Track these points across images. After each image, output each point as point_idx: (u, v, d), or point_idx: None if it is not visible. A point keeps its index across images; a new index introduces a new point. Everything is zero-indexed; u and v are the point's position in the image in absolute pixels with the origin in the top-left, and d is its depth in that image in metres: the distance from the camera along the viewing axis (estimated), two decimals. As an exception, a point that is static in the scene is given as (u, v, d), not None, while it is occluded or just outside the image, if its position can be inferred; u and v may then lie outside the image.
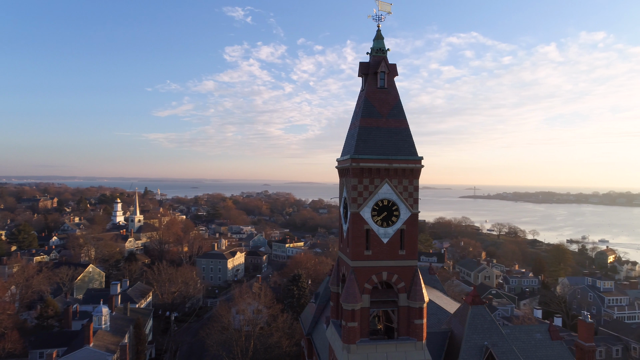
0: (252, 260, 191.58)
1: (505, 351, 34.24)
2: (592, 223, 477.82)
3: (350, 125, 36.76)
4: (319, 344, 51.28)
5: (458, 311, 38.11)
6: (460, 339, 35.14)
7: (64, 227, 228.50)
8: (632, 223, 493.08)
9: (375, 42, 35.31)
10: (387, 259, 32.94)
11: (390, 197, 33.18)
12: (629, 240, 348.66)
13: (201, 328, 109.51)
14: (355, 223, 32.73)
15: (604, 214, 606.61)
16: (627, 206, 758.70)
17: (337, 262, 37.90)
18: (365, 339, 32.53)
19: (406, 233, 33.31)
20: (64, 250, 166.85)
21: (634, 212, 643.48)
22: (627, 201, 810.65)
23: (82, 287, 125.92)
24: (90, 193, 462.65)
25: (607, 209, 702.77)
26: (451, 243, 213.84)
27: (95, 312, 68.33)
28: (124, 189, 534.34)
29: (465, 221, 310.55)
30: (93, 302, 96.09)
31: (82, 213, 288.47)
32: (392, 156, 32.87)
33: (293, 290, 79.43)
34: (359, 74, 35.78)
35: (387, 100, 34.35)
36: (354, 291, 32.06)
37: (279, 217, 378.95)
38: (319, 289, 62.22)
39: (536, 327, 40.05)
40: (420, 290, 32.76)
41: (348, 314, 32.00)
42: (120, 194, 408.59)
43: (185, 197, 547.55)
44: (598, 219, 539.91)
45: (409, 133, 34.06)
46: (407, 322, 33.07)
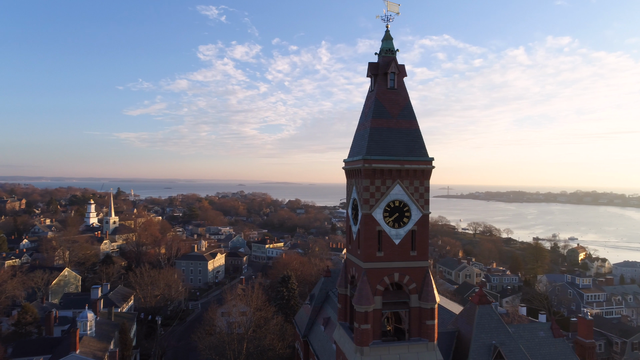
0: (232, 262, 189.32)
1: (513, 350, 34.69)
2: (561, 221, 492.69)
3: (358, 126, 36.52)
4: (318, 346, 50.87)
5: (464, 311, 38.42)
6: (468, 339, 35.39)
7: (34, 229, 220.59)
8: (598, 221, 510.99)
9: (384, 43, 35.21)
10: (398, 260, 32.85)
11: (402, 198, 33.12)
12: (596, 237, 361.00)
13: (185, 331, 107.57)
14: (367, 224, 32.51)
15: (571, 213, 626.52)
16: (592, 205, 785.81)
17: (344, 263, 37.60)
18: (377, 340, 32.36)
19: (417, 234, 33.31)
20: (36, 254, 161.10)
21: (599, 211, 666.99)
22: (592, 200, 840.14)
23: (57, 292, 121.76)
24: (60, 194, 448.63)
25: (574, 208, 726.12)
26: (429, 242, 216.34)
27: (80, 317, 65.97)
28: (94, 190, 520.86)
29: (441, 220, 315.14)
30: (73, 307, 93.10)
31: (53, 215, 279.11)
32: (404, 157, 32.81)
33: (282, 291, 78.68)
34: (367, 74, 35.60)
35: (397, 100, 34.28)
36: (367, 293, 31.84)
37: (257, 218, 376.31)
38: (314, 290, 61.80)
39: (539, 325, 40.78)
40: (431, 291, 32.79)
41: (361, 316, 31.75)
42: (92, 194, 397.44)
43: (159, 197, 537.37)
44: (566, 217, 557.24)
45: (419, 134, 34.08)
46: (418, 323, 33.07)
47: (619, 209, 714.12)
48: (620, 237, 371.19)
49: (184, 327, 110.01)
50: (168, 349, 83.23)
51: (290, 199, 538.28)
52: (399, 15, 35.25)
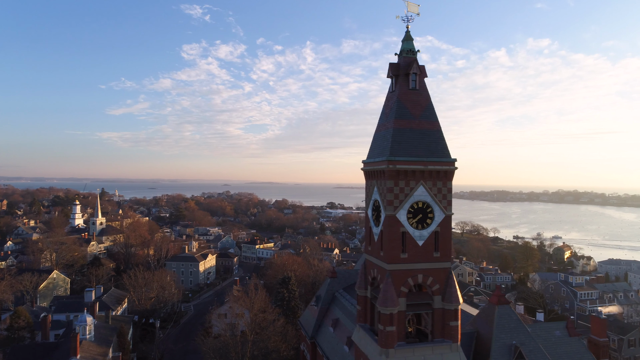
0: (223, 263, 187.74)
1: (533, 349, 34.91)
2: (545, 220, 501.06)
3: (378, 126, 36.31)
4: (327, 348, 50.55)
5: (483, 311, 38.53)
6: (488, 339, 35.49)
7: (18, 230, 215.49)
8: (580, 220, 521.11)
9: (405, 44, 35.05)
10: (422, 262, 32.75)
11: (425, 199, 33.02)
12: (579, 236, 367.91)
13: (180, 334, 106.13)
14: (391, 226, 32.32)
15: (554, 212, 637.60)
16: (574, 204, 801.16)
17: (363, 265, 37.37)
18: (402, 342, 32.20)
19: (441, 235, 33.24)
20: (22, 256, 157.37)
21: (580, 210, 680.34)
22: (574, 199, 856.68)
23: (46, 295, 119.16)
24: (42, 194, 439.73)
25: (556, 207, 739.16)
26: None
27: (79, 321, 64.49)
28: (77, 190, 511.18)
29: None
30: (66, 311, 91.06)
31: (36, 216, 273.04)
32: (427, 158, 32.70)
33: (283, 292, 78.06)
34: (388, 75, 35.38)
35: (419, 101, 34.16)
36: (392, 295, 31.65)
37: (244, 218, 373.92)
38: (319, 291, 61.45)
39: (555, 325, 41.18)
40: (455, 292, 32.77)
41: (386, 318, 31.54)
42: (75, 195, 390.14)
43: (144, 198, 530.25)
44: (549, 216, 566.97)
45: (441, 135, 34.01)
46: (441, 324, 33.01)
47: (599, 207, 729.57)
48: (602, 235, 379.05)
49: (178, 329, 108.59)
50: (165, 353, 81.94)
51: (277, 199, 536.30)
52: (419, 15, 35.12)
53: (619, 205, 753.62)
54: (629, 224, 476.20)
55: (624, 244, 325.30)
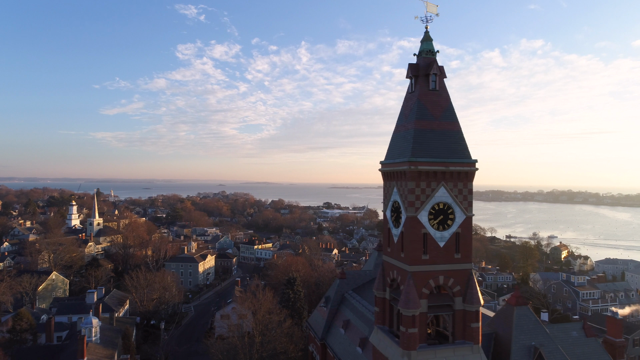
0: (222, 263, 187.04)
1: (552, 350, 34.89)
2: (540, 220, 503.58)
3: (396, 127, 36.13)
4: (339, 350, 50.29)
5: (501, 312, 38.47)
6: (507, 340, 35.43)
7: (14, 231, 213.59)
8: (575, 219, 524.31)
9: (424, 44, 34.92)
10: (443, 263, 32.63)
11: (446, 200, 32.90)
12: (574, 235, 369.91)
13: (182, 335, 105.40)
14: (412, 227, 32.16)
15: (548, 211, 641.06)
16: (568, 203, 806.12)
17: (381, 266, 37.18)
18: (423, 344, 32.06)
19: (461, 236, 33.14)
20: (19, 257, 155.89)
21: (575, 209, 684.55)
22: (568, 199, 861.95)
23: (45, 296, 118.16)
24: (36, 195, 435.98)
25: (551, 206, 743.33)
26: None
27: (84, 323, 63.87)
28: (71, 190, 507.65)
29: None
30: (68, 313, 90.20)
31: (32, 216, 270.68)
32: (448, 159, 32.58)
33: (289, 293, 77.74)
34: (407, 75, 35.24)
35: (439, 102, 34.04)
36: (414, 297, 31.50)
37: (241, 218, 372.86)
38: (328, 292, 61.19)
39: (571, 326, 41.19)
40: (476, 293, 32.66)
41: (408, 320, 31.39)
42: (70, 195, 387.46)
43: (139, 198, 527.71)
44: (544, 215, 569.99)
45: (462, 135, 33.90)
46: (462, 325, 32.89)
47: (594, 207, 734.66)
48: (598, 234, 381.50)
49: (180, 330, 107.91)
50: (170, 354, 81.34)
51: (273, 199, 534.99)
52: (438, 16, 35.01)
53: (612, 205, 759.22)
54: (623, 224, 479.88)
55: (619, 243, 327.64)
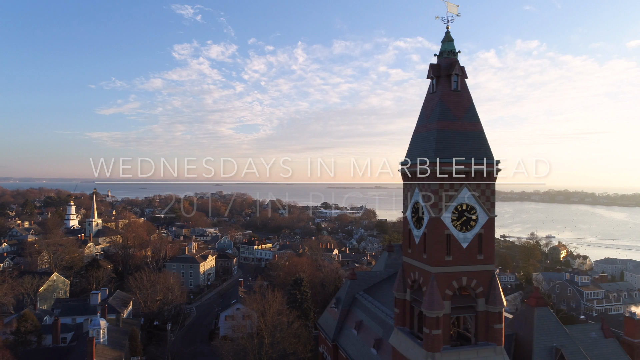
0: (222, 264, 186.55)
1: (573, 352, 34.85)
2: (537, 219, 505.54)
3: (417, 127, 35.99)
4: (352, 351, 50.11)
5: (520, 313, 38.40)
6: (528, 342, 35.37)
7: (12, 232, 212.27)
8: (572, 219, 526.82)
9: (445, 44, 34.80)
10: (466, 264, 32.52)
11: (469, 201, 32.80)
12: (572, 235, 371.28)
13: (185, 336, 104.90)
14: (435, 228, 32.03)
15: (545, 211, 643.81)
16: (564, 203, 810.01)
17: (401, 267, 37.02)
18: (447, 346, 31.93)
19: (484, 237, 33.05)
20: (18, 258, 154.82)
21: (571, 209, 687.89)
22: (564, 199, 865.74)
23: (45, 297, 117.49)
24: (33, 195, 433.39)
25: (547, 206, 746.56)
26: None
27: (92, 325, 63.45)
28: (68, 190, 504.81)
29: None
30: (72, 314, 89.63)
31: (29, 217, 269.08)
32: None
33: (296, 294, 77.49)
34: (428, 75, 35.10)
35: (461, 102, 33.94)
36: (438, 298, 31.37)
37: (239, 218, 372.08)
38: (339, 293, 61.02)
39: (590, 326, 41.24)
40: (499, 294, 32.58)
41: (432, 322, 31.25)
42: (67, 195, 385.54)
43: (136, 198, 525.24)
44: (541, 215, 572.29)
45: (484, 136, 33.81)
46: (485, 327, 32.80)
47: (590, 207, 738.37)
48: (595, 234, 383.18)
49: (183, 331, 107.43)
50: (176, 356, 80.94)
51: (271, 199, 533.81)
52: (459, 16, 34.86)
53: (608, 205, 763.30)
54: (620, 223, 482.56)
55: (616, 242, 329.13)
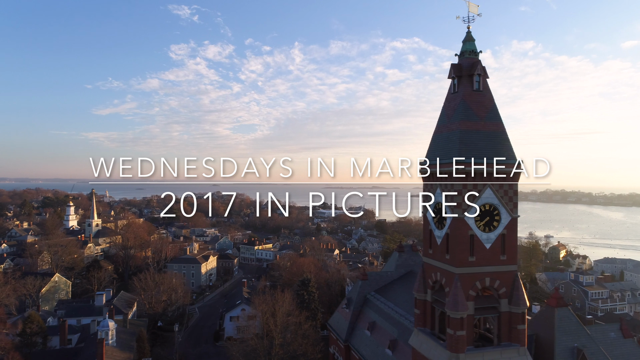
0: (223, 264, 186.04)
1: (594, 352, 34.86)
2: (535, 219, 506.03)
3: (438, 127, 35.89)
4: (366, 352, 49.99)
5: (540, 314, 38.39)
6: (549, 343, 35.34)
7: (11, 233, 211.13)
8: (570, 219, 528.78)
9: (467, 44, 34.73)
10: (489, 265, 32.43)
11: (492, 201, 32.73)
12: (570, 235, 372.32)
13: (190, 337, 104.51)
14: (459, 229, 31.94)
15: (543, 211, 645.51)
16: (562, 203, 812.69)
17: (421, 268, 36.91)
18: (470, 347, 31.83)
19: (507, 237, 32.98)
20: (19, 259, 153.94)
21: (569, 209, 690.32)
22: (561, 198, 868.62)
23: (47, 298, 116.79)
24: (30, 195, 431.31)
25: (544, 206, 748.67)
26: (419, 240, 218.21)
27: (101, 326, 63.09)
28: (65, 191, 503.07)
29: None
30: (77, 315, 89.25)
31: (28, 217, 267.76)
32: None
33: (303, 295, 77.32)
34: (449, 75, 35.03)
35: (483, 102, 33.86)
36: (462, 299, 31.28)
37: (238, 219, 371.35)
38: (350, 293, 60.92)
39: (609, 327, 41.30)
40: (522, 295, 32.51)
41: (456, 323, 31.15)
42: (64, 196, 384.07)
43: (134, 198, 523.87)
44: (539, 215, 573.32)
45: (506, 136, 33.74)
46: (508, 327, 32.73)
47: (587, 206, 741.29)
48: (593, 234, 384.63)
49: (187, 332, 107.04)
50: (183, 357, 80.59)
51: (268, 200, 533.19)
52: (480, 16, 34.75)
53: (605, 205, 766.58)
54: (617, 223, 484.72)
55: (614, 242, 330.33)
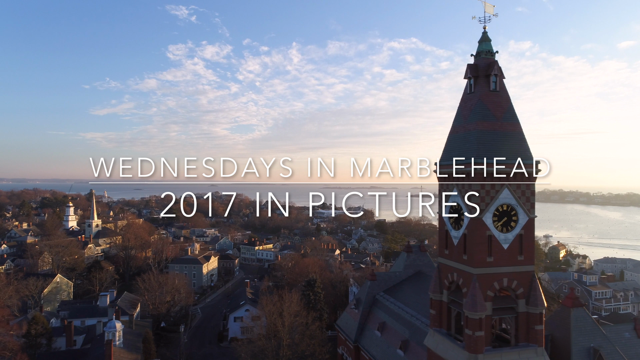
0: (224, 265, 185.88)
1: (610, 352, 34.89)
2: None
3: (454, 127, 35.84)
4: (377, 352, 49.92)
5: (556, 314, 38.39)
6: (565, 343, 35.33)
7: (10, 233, 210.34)
8: (568, 218, 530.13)
9: (483, 44, 34.70)
10: (507, 265, 32.41)
11: (510, 202, 32.71)
12: (569, 234, 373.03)
13: (194, 337, 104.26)
14: (477, 229, 31.90)
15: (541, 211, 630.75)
16: (560, 203, 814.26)
17: (437, 269, 36.86)
18: (488, 347, 31.80)
19: (525, 238, 32.98)
20: (19, 260, 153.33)
21: (567, 209, 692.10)
22: (559, 198, 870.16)
23: (49, 299, 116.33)
24: (28, 196, 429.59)
25: (542, 206, 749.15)
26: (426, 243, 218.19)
27: (108, 327, 62.81)
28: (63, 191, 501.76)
29: (423, 220, 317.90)
30: (80, 316, 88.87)
31: (27, 218, 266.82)
32: (511, 160, 32.36)
33: (309, 295, 77.23)
34: (465, 76, 34.98)
35: (500, 103, 33.82)
36: (480, 299, 31.25)
37: (237, 219, 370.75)
38: (358, 294, 60.85)
39: (623, 327, 41.33)
40: (539, 295, 32.49)
41: (475, 323, 31.10)
42: (63, 196, 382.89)
43: (132, 199, 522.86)
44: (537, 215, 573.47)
45: (523, 136, 33.73)
46: (525, 328, 32.71)
47: (585, 206, 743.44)
48: (592, 233, 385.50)
49: (190, 333, 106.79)
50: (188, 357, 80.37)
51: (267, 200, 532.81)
52: (496, 16, 34.72)
53: (603, 204, 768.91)
54: (615, 223, 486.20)
55: (613, 242, 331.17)
